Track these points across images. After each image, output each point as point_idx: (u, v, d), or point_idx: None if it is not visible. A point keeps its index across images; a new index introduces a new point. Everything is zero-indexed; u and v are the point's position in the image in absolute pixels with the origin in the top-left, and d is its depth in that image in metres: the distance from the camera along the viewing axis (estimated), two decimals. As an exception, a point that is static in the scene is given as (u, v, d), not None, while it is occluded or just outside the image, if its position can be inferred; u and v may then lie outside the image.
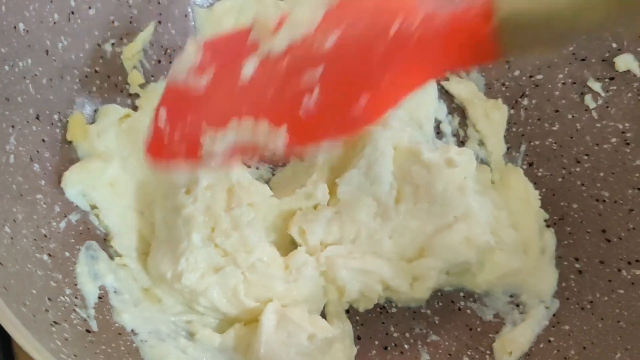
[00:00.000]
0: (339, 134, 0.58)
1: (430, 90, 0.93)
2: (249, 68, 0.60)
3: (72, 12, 0.78)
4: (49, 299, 0.63)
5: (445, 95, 0.94)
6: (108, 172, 0.78)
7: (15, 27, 0.69)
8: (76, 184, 0.75)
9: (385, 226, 0.79)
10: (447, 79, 0.95)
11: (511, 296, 0.80)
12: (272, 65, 0.59)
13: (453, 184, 0.79)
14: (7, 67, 0.69)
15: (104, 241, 0.76)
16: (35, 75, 0.73)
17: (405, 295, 0.79)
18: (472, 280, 0.80)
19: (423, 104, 0.91)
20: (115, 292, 0.73)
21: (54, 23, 0.75)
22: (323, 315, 0.80)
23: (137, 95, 0.87)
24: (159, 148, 0.64)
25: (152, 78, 0.89)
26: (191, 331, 0.74)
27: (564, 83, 0.86)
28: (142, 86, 0.87)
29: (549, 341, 0.73)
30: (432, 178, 0.79)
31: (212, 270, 0.74)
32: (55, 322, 0.61)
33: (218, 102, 0.62)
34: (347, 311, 0.81)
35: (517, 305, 0.78)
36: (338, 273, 0.77)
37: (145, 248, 0.79)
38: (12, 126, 0.69)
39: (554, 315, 0.75)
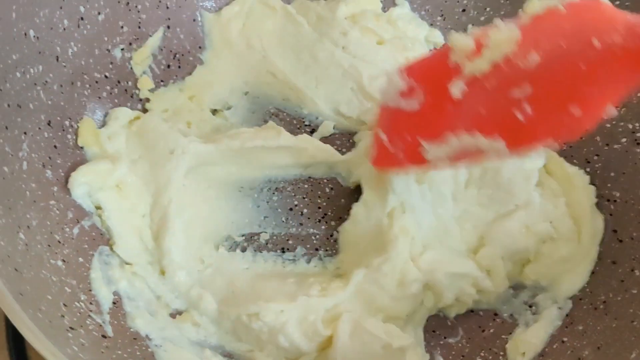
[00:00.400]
0: (556, 137, 0.61)
1: None
2: (456, 89, 0.65)
3: (82, 18, 0.78)
4: (64, 304, 0.63)
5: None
6: (116, 173, 0.78)
7: (25, 34, 0.70)
8: (83, 185, 0.75)
9: (455, 210, 0.79)
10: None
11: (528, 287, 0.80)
12: (479, 86, 0.64)
13: (521, 173, 0.79)
14: (18, 74, 0.69)
15: (112, 248, 0.76)
16: (46, 81, 0.74)
17: (491, 295, 0.79)
18: (521, 272, 0.80)
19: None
20: (128, 298, 0.73)
21: (64, 29, 0.76)
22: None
23: (147, 100, 0.87)
24: (384, 159, 0.75)
25: (162, 83, 0.89)
26: (251, 358, 0.75)
27: (573, 83, 0.86)
28: (151, 90, 0.88)
29: (563, 341, 0.73)
30: (501, 164, 0.79)
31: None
32: (71, 328, 0.61)
33: (431, 119, 0.69)
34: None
35: (530, 306, 0.78)
36: (438, 279, 0.76)
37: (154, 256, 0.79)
38: (25, 133, 0.69)
39: (567, 315, 0.75)
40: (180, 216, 0.79)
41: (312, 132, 0.91)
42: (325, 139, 0.90)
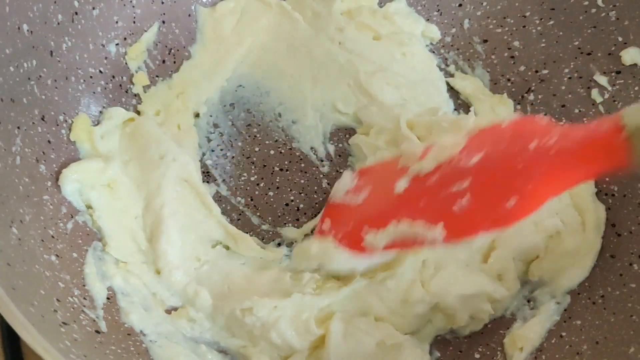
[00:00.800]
0: (491, 228, 0.65)
1: (438, 82, 0.93)
2: (401, 185, 0.71)
3: (76, 13, 0.77)
4: (58, 299, 0.63)
5: (451, 91, 0.94)
6: (107, 172, 0.78)
7: (19, 28, 0.69)
8: (74, 182, 0.74)
9: None
10: (452, 75, 0.95)
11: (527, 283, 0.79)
12: (422, 181, 0.70)
13: None
14: (12, 68, 0.68)
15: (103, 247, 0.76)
16: (40, 76, 0.73)
17: (505, 299, 0.77)
18: (527, 269, 0.79)
19: (433, 95, 0.91)
20: (123, 293, 0.72)
21: (58, 24, 0.75)
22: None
23: (140, 100, 0.87)
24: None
25: (157, 78, 0.89)
26: (245, 354, 0.74)
27: (570, 77, 0.86)
28: (145, 88, 0.87)
29: (561, 336, 0.72)
30: None
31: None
32: (64, 323, 0.60)
33: (376, 210, 0.74)
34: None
35: (529, 301, 0.78)
36: (449, 302, 0.75)
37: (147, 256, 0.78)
38: (18, 127, 0.69)
39: (565, 310, 0.74)
40: (174, 219, 0.79)
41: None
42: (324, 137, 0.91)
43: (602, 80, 0.83)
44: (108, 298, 0.70)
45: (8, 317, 0.51)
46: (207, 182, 0.86)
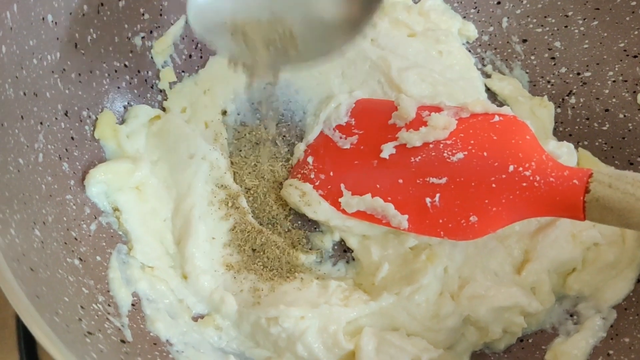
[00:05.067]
0: (449, 236, 0.70)
1: (476, 82, 0.89)
2: (386, 151, 0.75)
3: (102, 4, 0.74)
4: (82, 307, 0.59)
5: (488, 92, 0.90)
6: (136, 174, 0.75)
7: (43, 19, 0.66)
8: (100, 183, 0.72)
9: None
10: (489, 76, 0.92)
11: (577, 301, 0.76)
12: (406, 156, 0.74)
13: None
14: (35, 61, 0.65)
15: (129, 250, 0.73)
16: (64, 69, 0.70)
17: (540, 314, 0.74)
18: (564, 282, 0.76)
19: (471, 94, 0.87)
20: (148, 299, 0.69)
21: (83, 15, 0.72)
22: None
23: (165, 95, 0.84)
24: (303, 177, 0.81)
25: (183, 73, 0.85)
26: None
27: (614, 81, 0.82)
28: (170, 84, 0.84)
29: (608, 354, 0.68)
30: None
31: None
32: (89, 333, 0.57)
33: (357, 172, 0.78)
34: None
35: (572, 316, 0.74)
36: (481, 315, 0.72)
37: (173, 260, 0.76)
38: (41, 123, 0.65)
39: (611, 326, 0.70)
40: (203, 221, 0.76)
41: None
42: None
43: (650, 84, 0.79)
44: (133, 305, 0.67)
45: (34, 330, 0.48)
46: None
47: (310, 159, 0.82)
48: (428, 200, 0.71)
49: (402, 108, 0.77)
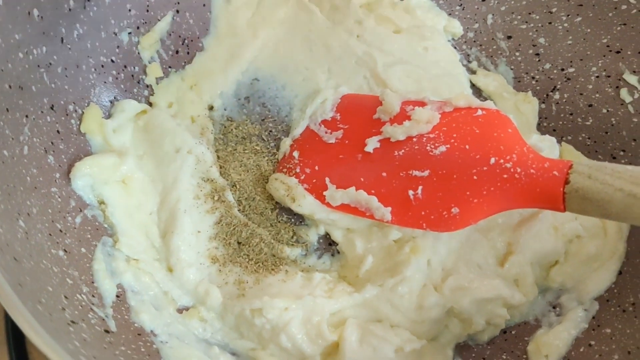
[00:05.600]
0: (431, 228, 0.71)
1: (462, 78, 0.90)
2: (371, 145, 0.76)
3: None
4: (65, 296, 0.60)
5: (473, 88, 0.91)
6: (122, 168, 0.75)
7: (29, 13, 0.66)
8: (86, 176, 0.72)
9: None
10: (474, 72, 0.92)
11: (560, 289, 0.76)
12: (390, 149, 0.75)
13: None
14: (21, 55, 0.65)
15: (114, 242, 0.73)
16: (50, 63, 0.70)
17: (523, 306, 0.75)
18: (547, 275, 0.77)
19: (455, 90, 0.87)
20: (133, 291, 0.69)
21: (70, 10, 0.72)
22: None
23: (152, 91, 0.84)
24: (288, 170, 0.82)
25: (170, 69, 0.86)
26: (255, 357, 0.71)
27: (597, 76, 0.83)
28: (157, 80, 0.84)
29: (590, 345, 0.69)
30: None
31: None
32: (72, 322, 0.57)
33: (342, 165, 0.78)
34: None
35: (554, 307, 0.75)
36: (464, 307, 0.73)
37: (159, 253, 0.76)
38: (26, 116, 0.66)
39: (593, 317, 0.71)
40: (189, 215, 0.76)
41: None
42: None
43: (632, 79, 0.80)
44: (117, 296, 0.67)
45: (15, 317, 0.48)
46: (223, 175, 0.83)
47: (295, 154, 0.82)
48: (411, 192, 0.72)
49: (387, 103, 0.78)
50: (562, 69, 0.86)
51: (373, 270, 0.76)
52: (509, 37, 0.91)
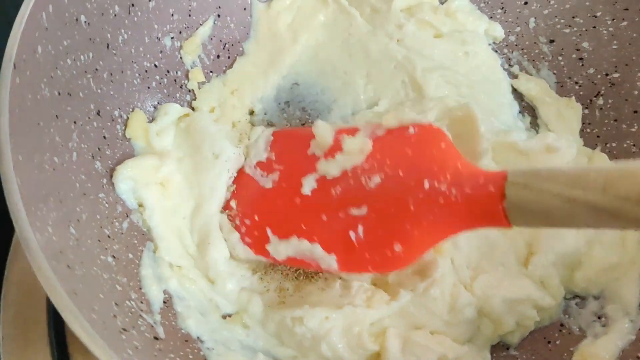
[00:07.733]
0: (377, 270, 0.67)
1: (502, 83, 0.89)
2: (307, 185, 0.72)
3: (132, 5, 0.75)
4: (116, 303, 0.60)
5: (514, 93, 0.90)
6: (162, 169, 0.75)
7: (77, 20, 0.67)
8: (128, 179, 0.72)
9: None
10: (516, 76, 0.91)
11: (596, 298, 0.75)
12: (327, 188, 0.70)
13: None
14: (69, 61, 0.66)
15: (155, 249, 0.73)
16: (96, 69, 0.71)
17: (552, 308, 0.74)
18: (571, 279, 0.76)
19: (495, 96, 0.87)
20: (179, 297, 0.70)
21: (115, 15, 0.73)
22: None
23: (194, 95, 0.85)
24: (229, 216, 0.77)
25: (211, 74, 0.86)
26: None
27: (643, 82, 0.82)
28: (199, 84, 0.85)
29: (638, 357, 0.68)
30: (531, 165, 0.76)
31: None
32: (124, 329, 0.57)
33: (281, 212, 0.73)
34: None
35: (599, 318, 0.73)
36: (495, 306, 0.72)
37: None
38: (74, 122, 0.66)
39: (640, 329, 0.70)
40: (226, 227, 0.77)
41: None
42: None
43: (679, 85, 0.78)
44: (164, 302, 0.68)
45: (74, 326, 0.48)
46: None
47: (233, 203, 0.78)
48: (352, 234, 0.67)
49: (319, 135, 0.73)
50: (607, 74, 0.85)
51: (401, 274, 0.75)
52: (552, 41, 0.90)
